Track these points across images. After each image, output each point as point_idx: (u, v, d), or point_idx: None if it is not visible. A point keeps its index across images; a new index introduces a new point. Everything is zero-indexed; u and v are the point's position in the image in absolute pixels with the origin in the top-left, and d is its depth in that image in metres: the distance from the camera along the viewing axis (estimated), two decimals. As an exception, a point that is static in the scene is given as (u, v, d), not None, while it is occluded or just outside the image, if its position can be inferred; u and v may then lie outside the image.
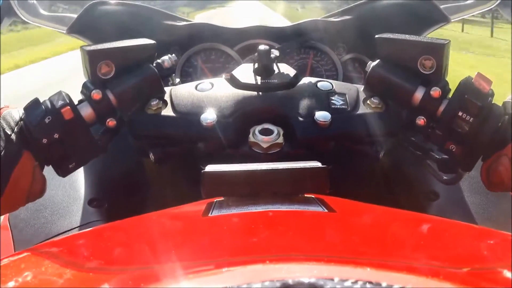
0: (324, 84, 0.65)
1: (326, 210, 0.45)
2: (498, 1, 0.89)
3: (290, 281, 0.26)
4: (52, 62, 8.19)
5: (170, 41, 0.92)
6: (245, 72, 0.66)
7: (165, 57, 0.67)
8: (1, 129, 0.53)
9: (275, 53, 0.67)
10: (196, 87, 0.65)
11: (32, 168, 0.55)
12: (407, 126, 0.63)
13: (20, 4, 0.86)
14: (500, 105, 0.59)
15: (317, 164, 0.50)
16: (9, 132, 0.53)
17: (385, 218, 0.49)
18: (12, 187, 0.52)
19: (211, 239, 0.40)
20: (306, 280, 0.26)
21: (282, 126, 0.61)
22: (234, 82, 0.65)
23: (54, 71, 7.22)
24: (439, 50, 0.61)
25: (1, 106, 0.57)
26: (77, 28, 0.89)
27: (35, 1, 0.89)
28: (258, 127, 0.61)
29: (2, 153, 0.52)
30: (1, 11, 0.82)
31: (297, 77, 0.66)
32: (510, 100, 0.58)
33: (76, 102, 0.59)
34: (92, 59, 0.60)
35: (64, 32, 0.89)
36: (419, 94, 0.61)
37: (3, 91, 5.13)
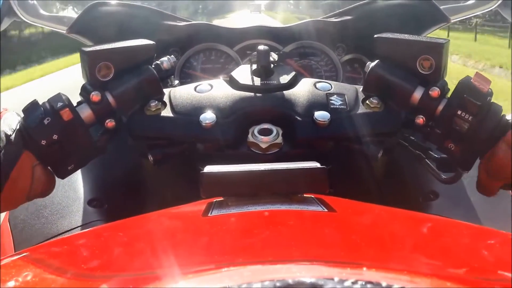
0: (323, 85, 0.65)
1: (325, 210, 0.45)
2: (499, 2, 0.88)
3: (290, 281, 0.26)
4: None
5: (169, 42, 0.92)
6: (244, 73, 0.66)
7: (164, 58, 0.67)
8: (1, 130, 0.53)
9: (273, 56, 0.67)
10: (195, 89, 0.65)
11: (31, 167, 0.55)
12: (406, 125, 0.63)
13: (20, 4, 0.86)
14: (499, 104, 0.59)
15: (316, 164, 0.50)
16: (9, 133, 0.54)
17: (384, 217, 0.49)
18: (12, 185, 0.53)
19: (211, 239, 0.40)
20: (306, 280, 0.26)
21: (281, 126, 0.61)
22: (233, 83, 0.65)
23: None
24: (438, 49, 0.61)
25: (0, 110, 0.57)
26: (77, 29, 0.88)
27: (35, 1, 0.89)
28: (257, 127, 0.61)
29: (2, 152, 0.52)
30: (1, 12, 0.82)
31: (296, 78, 0.66)
32: (510, 119, 0.58)
33: (75, 104, 0.59)
34: (91, 60, 0.60)
35: (64, 32, 0.89)
36: (418, 94, 0.61)
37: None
